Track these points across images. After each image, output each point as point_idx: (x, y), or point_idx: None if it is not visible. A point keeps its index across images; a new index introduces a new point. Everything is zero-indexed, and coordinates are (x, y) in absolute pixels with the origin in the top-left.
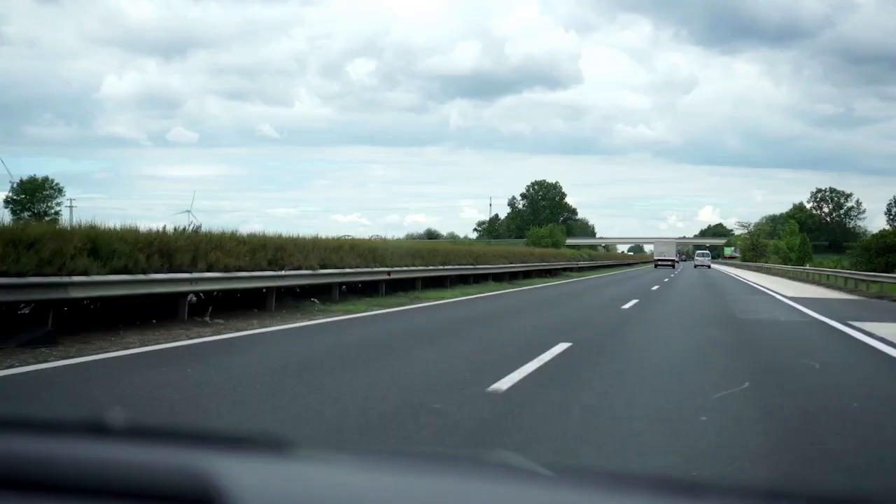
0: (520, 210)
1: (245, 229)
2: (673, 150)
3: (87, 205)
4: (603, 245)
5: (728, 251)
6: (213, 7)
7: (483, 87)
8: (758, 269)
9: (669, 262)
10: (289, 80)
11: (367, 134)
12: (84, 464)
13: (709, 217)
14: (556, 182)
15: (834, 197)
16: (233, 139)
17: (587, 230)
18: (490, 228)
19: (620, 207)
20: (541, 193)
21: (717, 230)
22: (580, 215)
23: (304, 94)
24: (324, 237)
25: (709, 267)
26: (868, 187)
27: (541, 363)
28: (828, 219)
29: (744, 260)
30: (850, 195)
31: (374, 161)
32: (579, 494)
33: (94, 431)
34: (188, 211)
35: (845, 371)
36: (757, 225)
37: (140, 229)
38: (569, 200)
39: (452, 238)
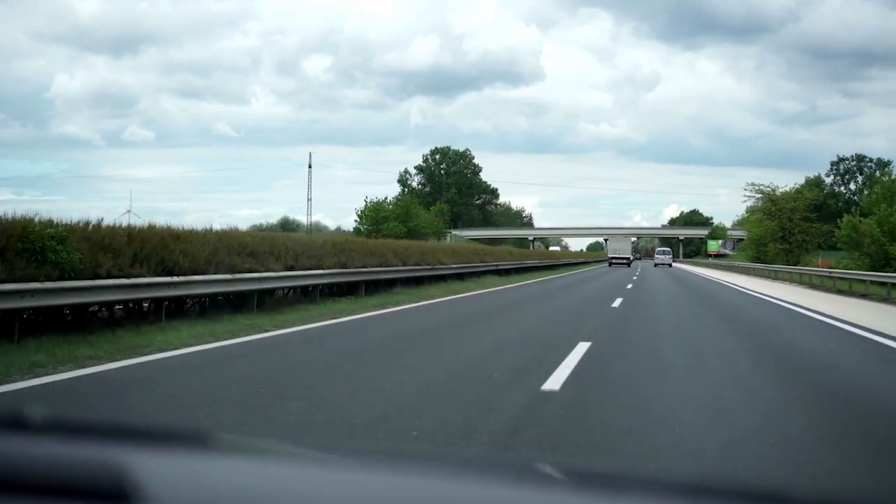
0: (414, 189)
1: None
2: (637, 148)
3: (49, 207)
4: (532, 238)
5: (712, 246)
6: (162, 1)
7: (442, 83)
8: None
9: (625, 261)
10: (243, 78)
11: (327, 132)
12: (1, 459)
13: (673, 215)
14: (466, 150)
15: (863, 167)
16: (190, 138)
17: (517, 219)
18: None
19: (585, 206)
20: (443, 166)
21: (692, 218)
22: (540, 213)
23: (260, 91)
24: None
25: (670, 266)
26: None
27: None
28: (856, 198)
29: (757, 259)
30: (889, 163)
31: (336, 160)
32: (569, 494)
33: (11, 426)
34: (128, 211)
35: None
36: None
37: None
38: (488, 177)
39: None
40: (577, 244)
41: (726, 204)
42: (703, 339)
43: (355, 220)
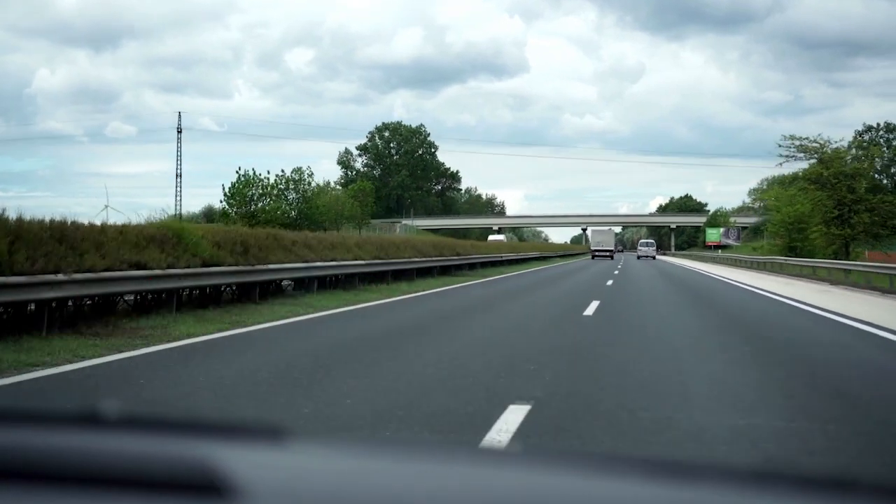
0: (360, 172)
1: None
2: (622, 140)
3: (34, 203)
4: (497, 228)
5: (713, 236)
6: None
7: (426, 76)
8: None
9: (607, 254)
10: (226, 72)
11: (312, 127)
12: (82, 454)
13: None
14: (420, 127)
15: (893, 139)
16: (174, 133)
17: (487, 208)
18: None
19: (571, 199)
20: (393, 144)
21: (685, 204)
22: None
23: (243, 85)
24: None
25: (653, 258)
26: None
27: None
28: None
29: (791, 250)
30: None
31: (322, 156)
32: (581, 479)
33: (88, 422)
34: (107, 206)
35: None
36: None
37: None
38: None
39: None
40: (559, 236)
41: (714, 195)
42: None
43: (221, 200)
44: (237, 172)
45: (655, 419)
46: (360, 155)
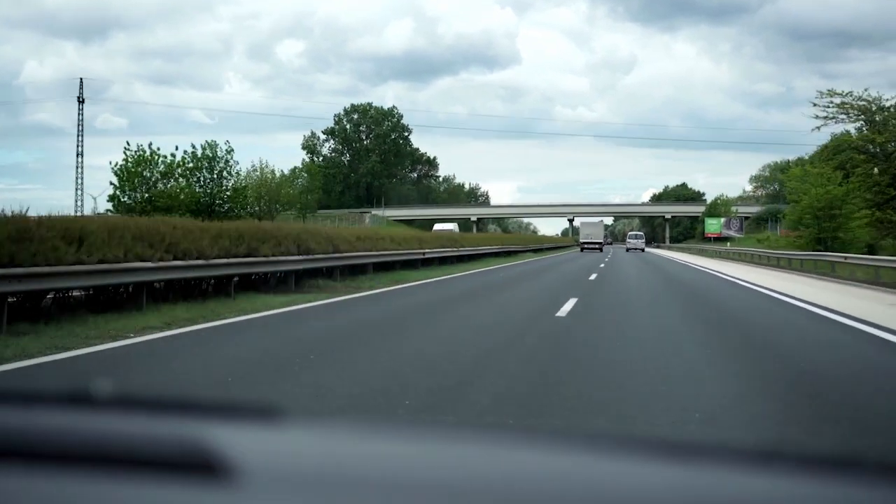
0: (328, 157)
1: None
2: (615, 132)
3: (25, 196)
4: (476, 219)
5: (713, 227)
6: None
7: (417, 67)
8: None
9: (597, 246)
10: (216, 64)
11: (306, 120)
12: (76, 434)
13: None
14: (393, 108)
15: None
16: (165, 126)
17: (471, 198)
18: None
19: (563, 192)
20: (363, 128)
21: (681, 192)
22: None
23: (233, 77)
24: None
25: (643, 251)
26: None
27: None
28: None
29: (819, 242)
30: None
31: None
32: (574, 457)
33: (80, 402)
34: (95, 198)
35: None
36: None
37: None
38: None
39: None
40: (551, 228)
41: (706, 187)
42: None
43: (112, 184)
44: (125, 150)
45: None
46: (326, 139)
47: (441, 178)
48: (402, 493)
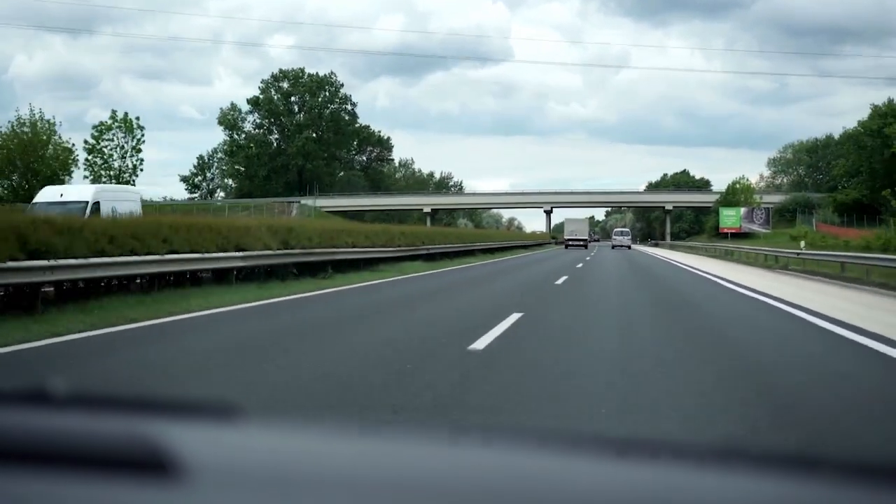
0: (251, 134)
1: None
2: (608, 129)
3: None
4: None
5: (730, 219)
6: None
7: (409, 63)
8: None
9: (582, 243)
10: (206, 59)
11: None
12: (27, 432)
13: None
14: (331, 74)
15: None
16: (156, 122)
17: (442, 187)
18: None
19: (557, 188)
20: (294, 98)
21: (681, 181)
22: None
23: (223, 72)
24: None
25: (629, 248)
26: None
27: None
28: None
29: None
30: None
31: None
32: (550, 458)
33: (35, 400)
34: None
35: None
36: None
37: None
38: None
39: None
40: (539, 224)
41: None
42: None
43: None
44: None
45: None
46: (250, 111)
47: (397, 164)
48: (355, 492)
